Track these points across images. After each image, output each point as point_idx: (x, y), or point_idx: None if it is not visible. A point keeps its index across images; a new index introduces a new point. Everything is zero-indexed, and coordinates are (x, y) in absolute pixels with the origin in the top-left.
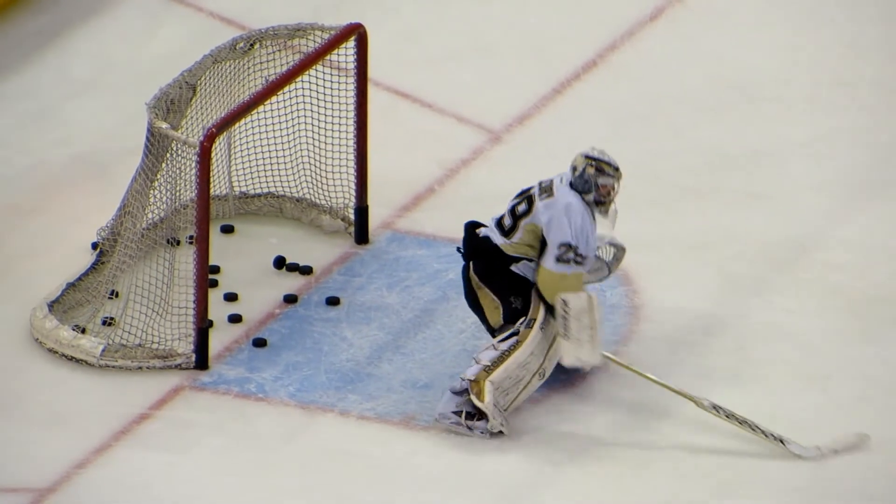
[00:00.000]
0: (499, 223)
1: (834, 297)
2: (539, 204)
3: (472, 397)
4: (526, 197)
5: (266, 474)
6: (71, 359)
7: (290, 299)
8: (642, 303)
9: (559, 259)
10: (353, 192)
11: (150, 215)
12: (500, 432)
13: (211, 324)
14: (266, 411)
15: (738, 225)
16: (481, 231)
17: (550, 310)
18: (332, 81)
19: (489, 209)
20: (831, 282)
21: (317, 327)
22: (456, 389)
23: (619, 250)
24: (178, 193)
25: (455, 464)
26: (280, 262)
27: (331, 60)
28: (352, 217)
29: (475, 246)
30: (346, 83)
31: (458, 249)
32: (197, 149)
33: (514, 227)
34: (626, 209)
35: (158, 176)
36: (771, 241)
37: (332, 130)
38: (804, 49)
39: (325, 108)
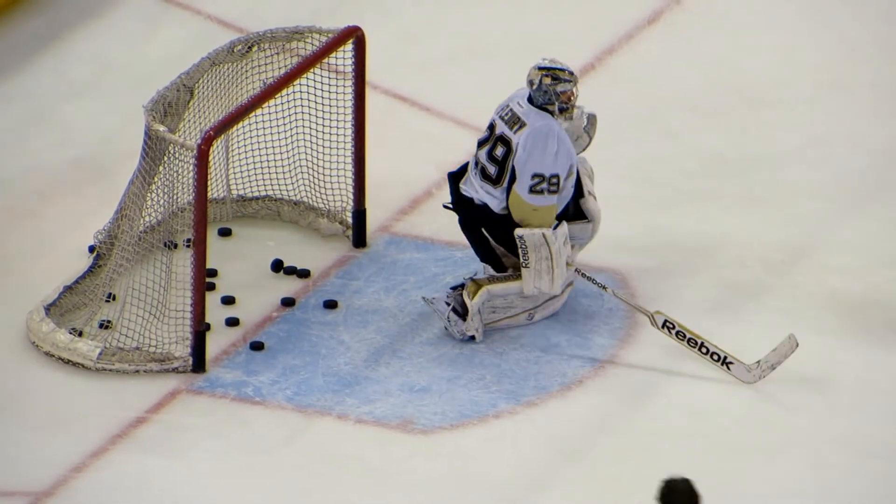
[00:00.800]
0: (484, 174)
1: (832, 301)
2: (516, 139)
3: (464, 293)
4: (497, 137)
5: (264, 478)
6: (67, 362)
7: (288, 302)
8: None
9: (532, 189)
10: (351, 196)
11: (147, 218)
12: (472, 337)
13: (208, 327)
14: (263, 415)
15: (735, 228)
16: (466, 190)
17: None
18: (329, 84)
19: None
20: (829, 285)
21: (314, 330)
22: (454, 285)
23: (591, 116)
24: (175, 196)
25: (453, 467)
26: (278, 266)
27: (328, 63)
28: (349, 220)
29: (475, 214)
30: (344, 86)
31: (445, 206)
32: (194, 152)
33: (501, 172)
34: (623, 212)
35: (156, 179)
36: (769, 244)
37: (330, 133)
38: (803, 52)
39: (323, 111)
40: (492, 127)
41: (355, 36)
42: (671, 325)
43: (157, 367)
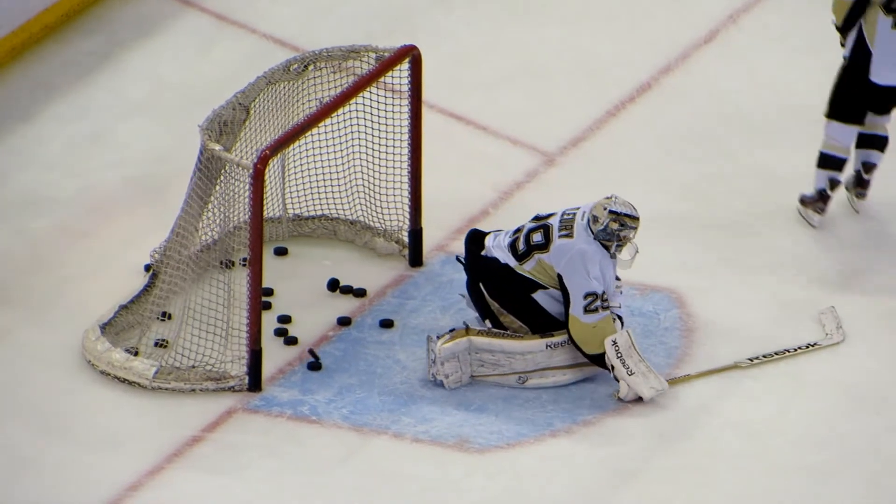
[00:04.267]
0: (512, 247)
1: (888, 321)
2: (556, 242)
3: (446, 337)
4: (543, 226)
5: (320, 497)
6: (123, 381)
7: (344, 322)
8: (696, 326)
9: (587, 309)
10: (408, 215)
11: (203, 237)
12: (442, 383)
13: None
14: (319, 434)
15: (792, 248)
16: (487, 249)
17: (590, 358)
18: (385, 103)
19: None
20: (885, 305)
21: (370, 350)
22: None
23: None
24: (231, 215)
25: (509, 486)
26: (334, 285)
27: (385, 83)
28: (406, 240)
29: (483, 267)
30: (400, 105)
31: (459, 259)
32: (250, 171)
33: (527, 255)
34: (679, 232)
35: (211, 198)
36: (825, 264)
37: (386, 153)
38: None
39: (379, 131)
40: (550, 215)
41: (411, 55)
42: (755, 358)
43: (213, 386)
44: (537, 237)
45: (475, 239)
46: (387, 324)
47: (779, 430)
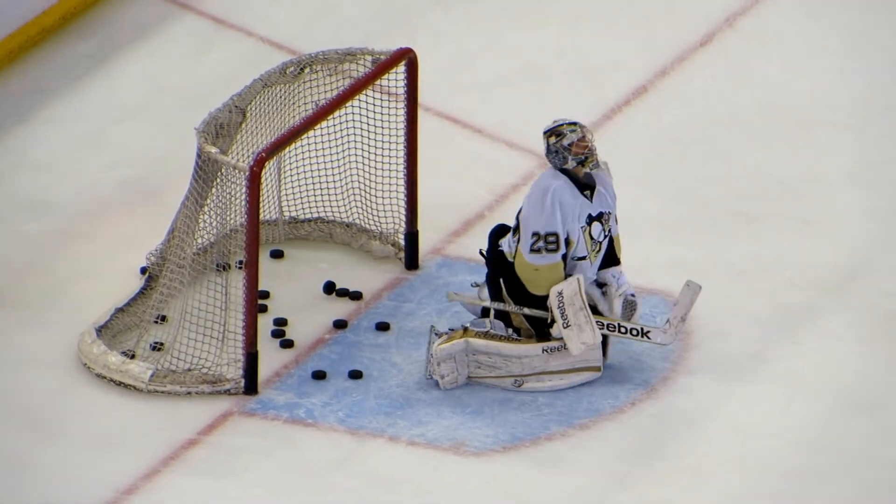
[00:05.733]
0: (514, 230)
1: (885, 324)
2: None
3: (440, 339)
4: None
5: (316, 500)
6: (119, 384)
7: (340, 325)
8: (691, 329)
9: (532, 249)
10: (404, 218)
11: (199, 240)
12: (437, 383)
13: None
14: (315, 437)
15: (788, 251)
16: (502, 244)
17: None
18: (382, 106)
19: None
20: (883, 308)
21: (366, 353)
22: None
23: (629, 302)
24: (227, 218)
25: (505, 490)
26: (330, 288)
27: (381, 85)
28: (402, 242)
29: (499, 262)
30: (397, 108)
31: (481, 252)
32: (247, 173)
33: (517, 226)
34: (675, 234)
35: (208, 201)
36: (821, 267)
37: (382, 155)
38: (855, 74)
39: (376, 133)
40: None
41: (407, 58)
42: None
43: (209, 389)
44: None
45: (500, 234)
46: (383, 327)
47: (774, 433)
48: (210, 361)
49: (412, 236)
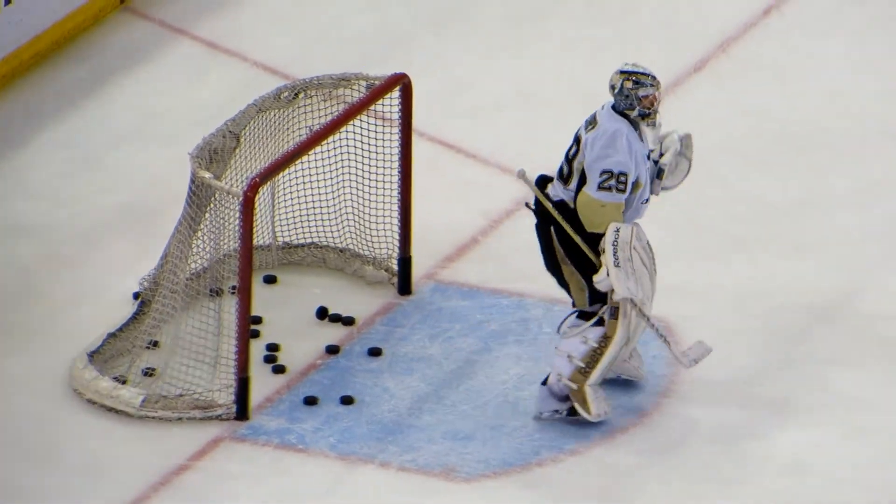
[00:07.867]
0: (560, 173)
1: (881, 348)
2: (586, 138)
3: (577, 406)
4: (576, 138)
5: None
6: (110, 409)
7: (332, 350)
8: (686, 353)
9: (601, 186)
10: (397, 243)
11: (192, 265)
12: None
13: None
14: (306, 462)
15: (783, 275)
16: (550, 190)
17: (586, 237)
18: (376, 131)
19: (534, 260)
20: (878, 332)
21: (358, 378)
22: (554, 391)
23: (685, 137)
24: (221, 243)
25: None
26: (322, 313)
27: (375, 110)
28: (395, 268)
29: (557, 206)
30: (391, 133)
31: (528, 205)
32: (240, 198)
33: (570, 172)
34: (670, 258)
35: (201, 226)
36: (817, 291)
37: (376, 181)
38: (851, 98)
39: (369, 159)
40: (578, 130)
41: (402, 83)
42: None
43: (200, 415)
44: (573, 149)
45: (545, 183)
46: (375, 352)
47: (768, 455)
48: (202, 387)
49: (406, 261)
